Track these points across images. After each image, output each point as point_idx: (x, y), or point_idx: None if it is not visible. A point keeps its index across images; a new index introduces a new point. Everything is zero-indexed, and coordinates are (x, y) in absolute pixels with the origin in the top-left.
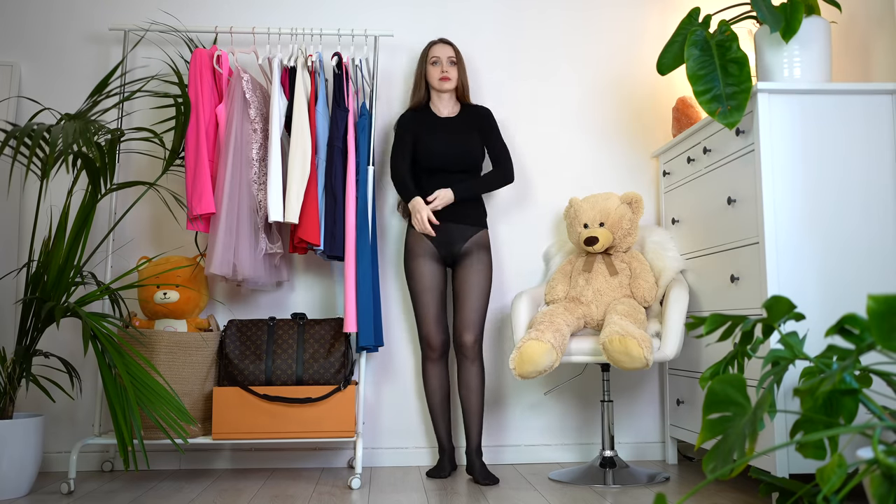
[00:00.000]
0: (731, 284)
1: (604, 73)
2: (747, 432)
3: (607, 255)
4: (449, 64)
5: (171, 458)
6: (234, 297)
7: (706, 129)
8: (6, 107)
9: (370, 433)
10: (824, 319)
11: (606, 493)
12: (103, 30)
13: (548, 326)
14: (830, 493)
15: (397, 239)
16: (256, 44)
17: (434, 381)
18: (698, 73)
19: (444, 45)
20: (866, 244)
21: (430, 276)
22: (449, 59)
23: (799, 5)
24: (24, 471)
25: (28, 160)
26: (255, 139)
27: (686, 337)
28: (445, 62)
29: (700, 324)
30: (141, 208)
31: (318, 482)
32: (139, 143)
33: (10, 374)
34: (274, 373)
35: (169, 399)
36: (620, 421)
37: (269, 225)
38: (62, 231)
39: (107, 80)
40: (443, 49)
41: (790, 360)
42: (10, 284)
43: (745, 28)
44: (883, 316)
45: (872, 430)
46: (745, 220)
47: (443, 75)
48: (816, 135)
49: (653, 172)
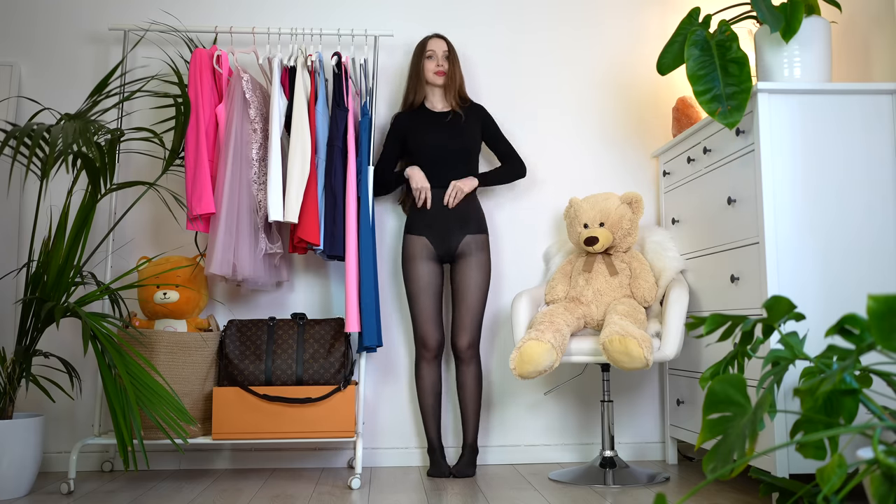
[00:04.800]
0: (731, 284)
1: (604, 73)
2: (747, 432)
3: (607, 255)
4: (444, 58)
5: (171, 458)
6: (234, 297)
7: (706, 129)
8: (6, 107)
9: (370, 433)
10: (824, 319)
11: (606, 494)
12: (103, 30)
13: (548, 326)
14: (830, 493)
15: (396, 239)
16: (256, 44)
17: (427, 380)
18: (698, 73)
19: (438, 39)
20: (867, 244)
21: (427, 277)
22: (444, 53)
23: (799, 5)
24: (24, 471)
25: (28, 160)
26: (255, 139)
27: (686, 337)
28: (440, 56)
29: (700, 324)
30: (141, 208)
31: (318, 482)
32: (139, 143)
33: (10, 375)
34: (274, 373)
35: (169, 399)
36: (620, 421)
37: (269, 225)
38: (62, 231)
39: (107, 80)
40: (437, 43)
41: (790, 360)
42: (10, 284)
43: (745, 28)
44: (883, 316)
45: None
46: (745, 220)
47: (438, 69)
48: (816, 135)
49: (653, 172)
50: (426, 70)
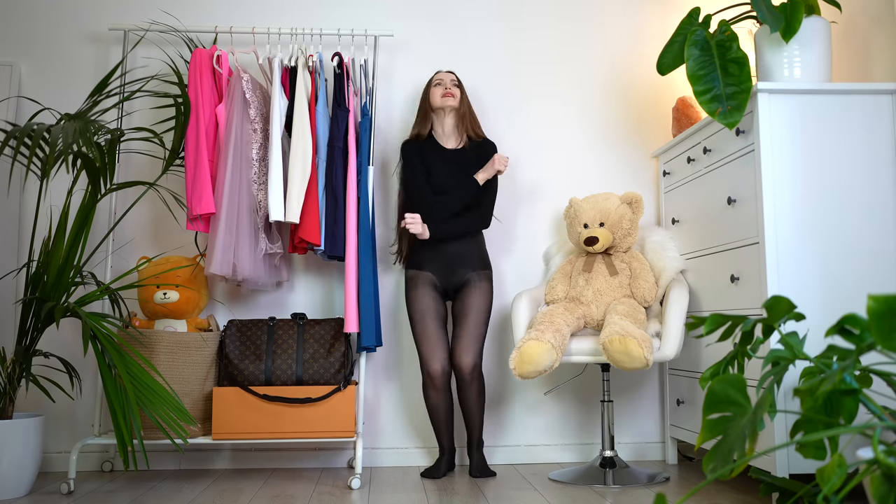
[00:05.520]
0: (731, 284)
1: (604, 72)
2: (747, 432)
3: (607, 255)
4: (452, 85)
5: (171, 458)
6: (234, 297)
7: (706, 129)
8: (6, 107)
9: (370, 433)
10: (824, 319)
11: (606, 494)
12: (103, 30)
13: (548, 326)
14: (830, 493)
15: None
16: (256, 44)
17: (434, 401)
18: (698, 73)
19: (446, 72)
20: (866, 244)
21: (432, 302)
22: (452, 81)
23: (799, 5)
24: (24, 471)
25: (28, 160)
26: (255, 139)
27: (686, 337)
28: (448, 83)
29: (700, 324)
30: (141, 208)
31: (318, 482)
32: (139, 143)
33: (10, 374)
34: (274, 373)
35: (169, 399)
36: (620, 421)
37: (269, 225)
38: (62, 231)
39: (107, 80)
40: (445, 74)
41: (790, 360)
42: (10, 284)
43: (745, 28)
44: (883, 316)
45: (872, 430)
46: (745, 220)
47: (446, 92)
48: (816, 135)
49: (653, 172)
50: (434, 97)
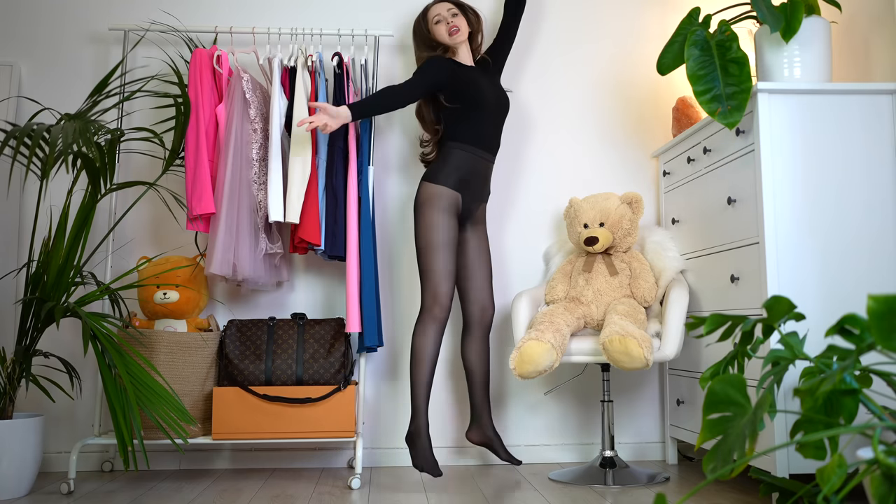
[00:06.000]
0: (731, 284)
1: (604, 72)
2: (747, 432)
3: (607, 255)
4: (451, 16)
5: (171, 458)
6: (234, 297)
7: (706, 129)
8: (6, 107)
9: (370, 433)
10: (824, 319)
11: (606, 494)
12: (103, 30)
13: (548, 326)
14: (830, 493)
15: (396, 239)
16: (256, 44)
17: (429, 343)
18: (698, 73)
19: (439, 3)
20: (867, 244)
21: (450, 231)
22: (449, 11)
23: (799, 5)
24: (24, 471)
25: (28, 160)
26: (255, 139)
27: (686, 337)
28: (448, 17)
29: (700, 324)
30: (141, 208)
31: (318, 482)
32: (139, 143)
33: (10, 375)
34: (274, 373)
35: (169, 399)
36: (620, 421)
37: (269, 225)
38: (62, 231)
39: (107, 80)
40: (440, 6)
41: (790, 360)
42: (10, 284)
43: (745, 28)
44: (883, 316)
45: (872, 430)
46: (745, 220)
47: (451, 29)
48: (816, 135)
49: (653, 172)
50: (440, 36)
